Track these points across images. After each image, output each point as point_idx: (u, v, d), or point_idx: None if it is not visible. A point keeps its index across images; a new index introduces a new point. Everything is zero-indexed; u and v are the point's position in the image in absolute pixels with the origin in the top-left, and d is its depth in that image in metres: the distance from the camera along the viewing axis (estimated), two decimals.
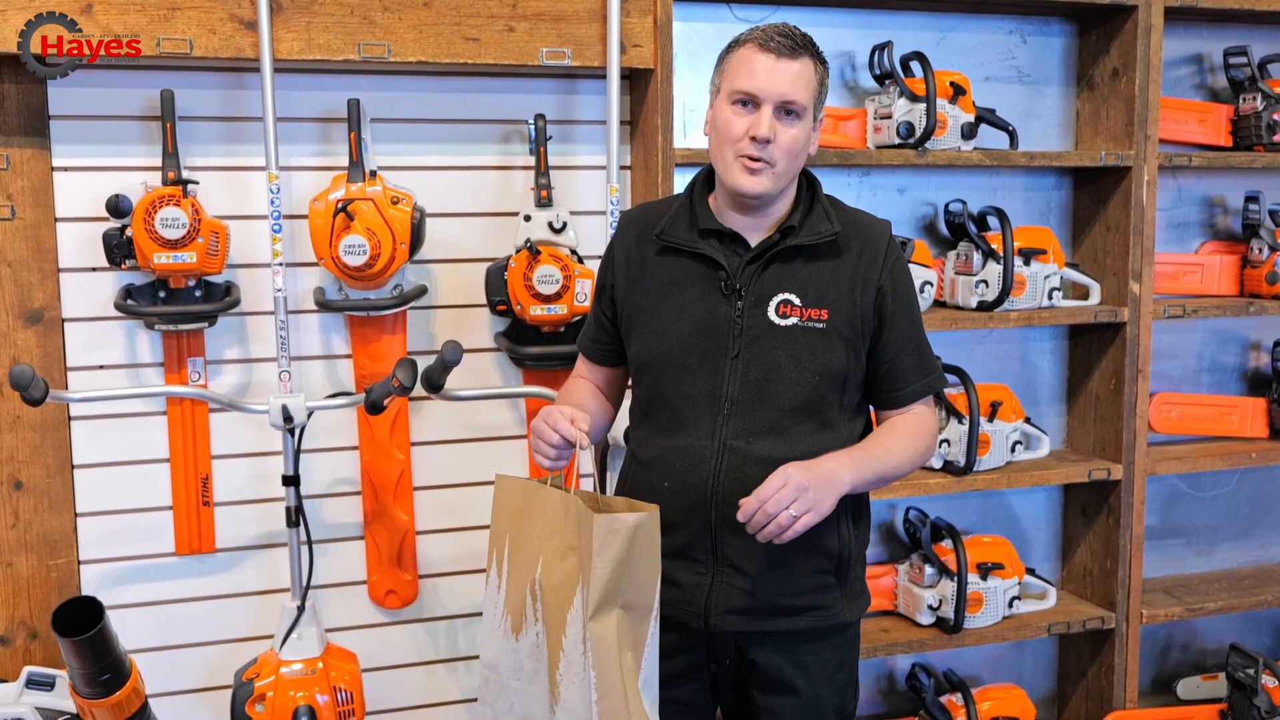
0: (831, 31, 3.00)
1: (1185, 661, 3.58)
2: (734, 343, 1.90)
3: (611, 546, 1.71)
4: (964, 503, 3.26)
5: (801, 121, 1.86)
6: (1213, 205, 3.42)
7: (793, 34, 1.85)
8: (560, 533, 1.81)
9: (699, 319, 1.92)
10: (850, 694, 2.06)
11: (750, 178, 1.85)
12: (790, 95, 1.83)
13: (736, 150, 1.85)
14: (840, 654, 2.01)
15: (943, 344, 3.14)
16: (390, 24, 2.51)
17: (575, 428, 1.81)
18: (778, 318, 1.89)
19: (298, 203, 2.66)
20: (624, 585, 1.74)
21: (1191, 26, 3.29)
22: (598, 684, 1.74)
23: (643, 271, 1.99)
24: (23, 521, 2.60)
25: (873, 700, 3.28)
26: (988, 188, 3.19)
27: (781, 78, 1.83)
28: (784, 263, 1.91)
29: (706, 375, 1.90)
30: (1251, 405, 3.40)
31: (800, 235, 1.90)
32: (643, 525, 1.73)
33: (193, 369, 2.66)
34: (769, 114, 1.83)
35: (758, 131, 1.82)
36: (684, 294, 1.94)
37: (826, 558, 1.94)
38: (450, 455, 2.86)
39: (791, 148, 1.85)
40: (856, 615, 2.02)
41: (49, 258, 2.56)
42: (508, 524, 1.91)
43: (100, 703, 2.29)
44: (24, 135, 2.52)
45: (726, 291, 1.91)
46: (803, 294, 1.89)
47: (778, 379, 1.88)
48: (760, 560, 1.90)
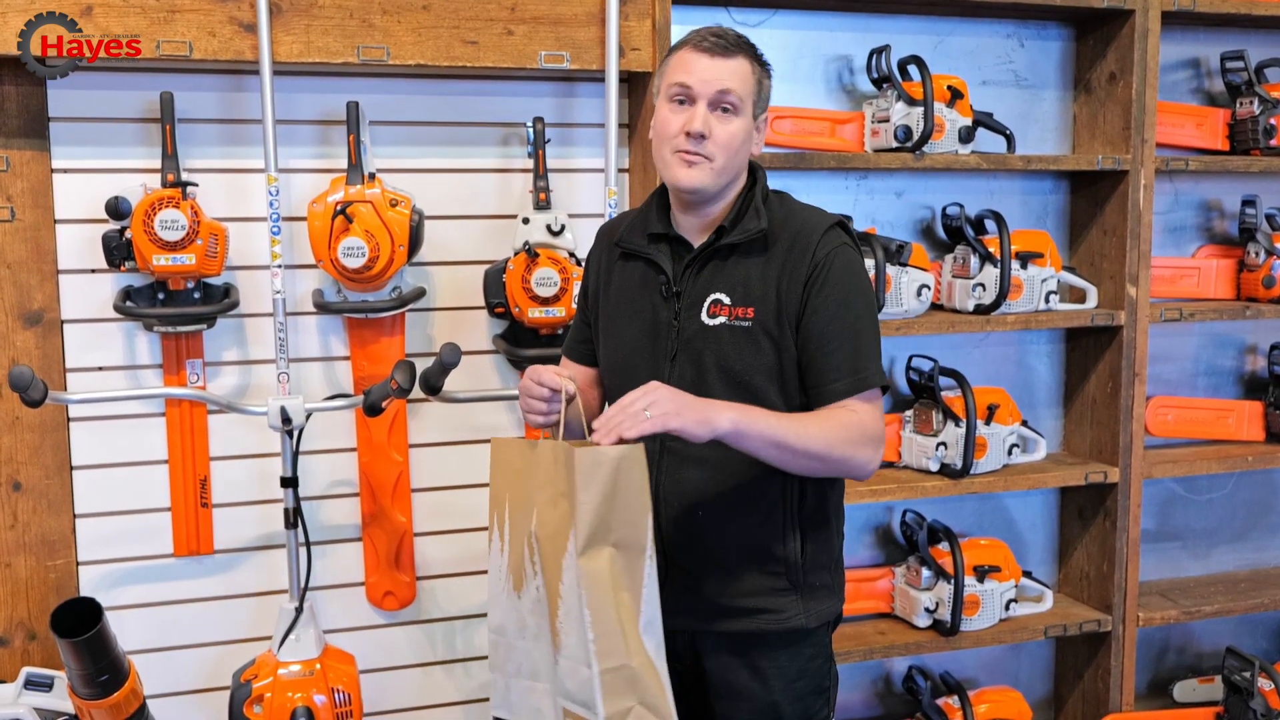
0: (829, 35, 3.01)
1: (1182, 664, 3.58)
2: (671, 345, 1.92)
3: (595, 480, 1.69)
4: (961, 505, 3.26)
5: (738, 117, 1.86)
6: (1210, 209, 3.43)
7: (726, 34, 1.87)
8: (552, 481, 1.79)
9: (646, 323, 1.95)
10: (816, 703, 2.00)
11: (687, 170, 1.86)
12: (725, 86, 1.84)
13: (673, 146, 1.86)
14: (800, 661, 1.97)
15: (940, 347, 3.15)
16: (389, 27, 2.52)
17: (559, 376, 1.84)
18: (708, 318, 1.90)
19: (297, 205, 2.66)
20: (613, 521, 1.71)
21: (1189, 31, 3.29)
22: (593, 622, 1.70)
23: (608, 279, 2.04)
24: (21, 522, 2.61)
25: (869, 703, 3.29)
26: (985, 191, 3.20)
27: (714, 73, 1.84)
28: (719, 263, 1.91)
29: (649, 378, 1.90)
30: (1248, 409, 3.41)
31: (732, 234, 1.90)
32: (626, 458, 1.70)
33: (191, 371, 2.66)
34: (704, 109, 1.84)
35: (692, 126, 1.84)
36: (637, 299, 1.97)
37: (774, 561, 1.92)
38: (448, 457, 2.86)
39: (729, 142, 1.85)
40: (818, 622, 1.97)
41: (48, 259, 2.56)
42: (506, 485, 1.90)
43: (99, 704, 2.29)
44: (23, 137, 2.52)
45: (666, 295, 1.94)
46: (732, 293, 1.89)
47: (707, 380, 1.89)
48: (701, 560, 1.92)
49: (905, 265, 2.89)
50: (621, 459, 1.70)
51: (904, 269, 2.88)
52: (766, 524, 1.92)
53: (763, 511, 1.92)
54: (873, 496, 2.90)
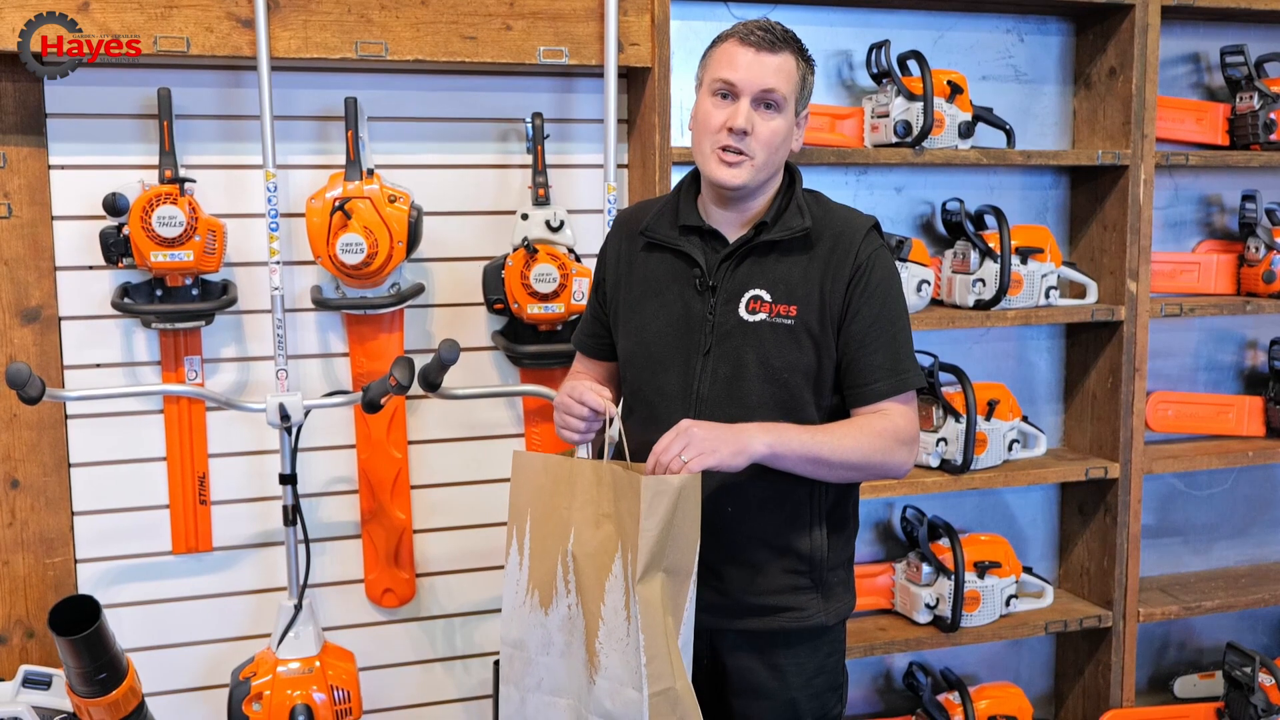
0: (829, 30, 3.01)
1: (1182, 660, 3.58)
2: (706, 339, 1.90)
3: (659, 508, 1.72)
4: (961, 501, 3.26)
5: (781, 114, 1.86)
6: (1210, 204, 3.42)
7: (773, 28, 1.86)
8: (594, 502, 1.81)
9: (676, 315, 1.93)
10: (832, 700, 2.01)
11: (728, 170, 1.85)
12: (769, 84, 1.83)
13: (715, 142, 1.86)
14: (818, 659, 1.98)
15: (940, 343, 3.14)
16: (387, 22, 2.51)
17: (602, 398, 1.84)
18: (747, 314, 1.89)
19: (295, 201, 2.65)
20: (668, 548, 1.75)
21: (1188, 25, 3.29)
22: (646, 647, 1.74)
23: (630, 268, 2.01)
24: (19, 520, 2.60)
25: (870, 699, 3.29)
26: (985, 186, 3.19)
27: (761, 69, 1.83)
28: (758, 259, 1.90)
29: (679, 371, 1.91)
30: (1248, 404, 3.41)
31: (773, 231, 1.89)
32: (687, 486, 1.74)
33: (190, 367, 2.65)
34: (747, 105, 1.84)
35: (735, 122, 1.83)
36: (664, 291, 1.95)
37: (798, 559, 1.92)
38: (448, 454, 2.86)
39: (770, 140, 1.85)
40: (836, 619, 1.98)
41: (46, 256, 2.56)
42: (528, 500, 1.91)
43: (97, 701, 2.29)
44: (21, 133, 2.51)
45: (701, 288, 1.92)
46: (773, 290, 1.89)
47: (745, 376, 1.88)
48: (727, 558, 1.91)
49: (905, 261, 2.89)
50: (683, 488, 1.74)
51: (904, 264, 2.88)
52: (793, 521, 1.92)
53: (789, 509, 1.91)
54: (873, 492, 2.89)
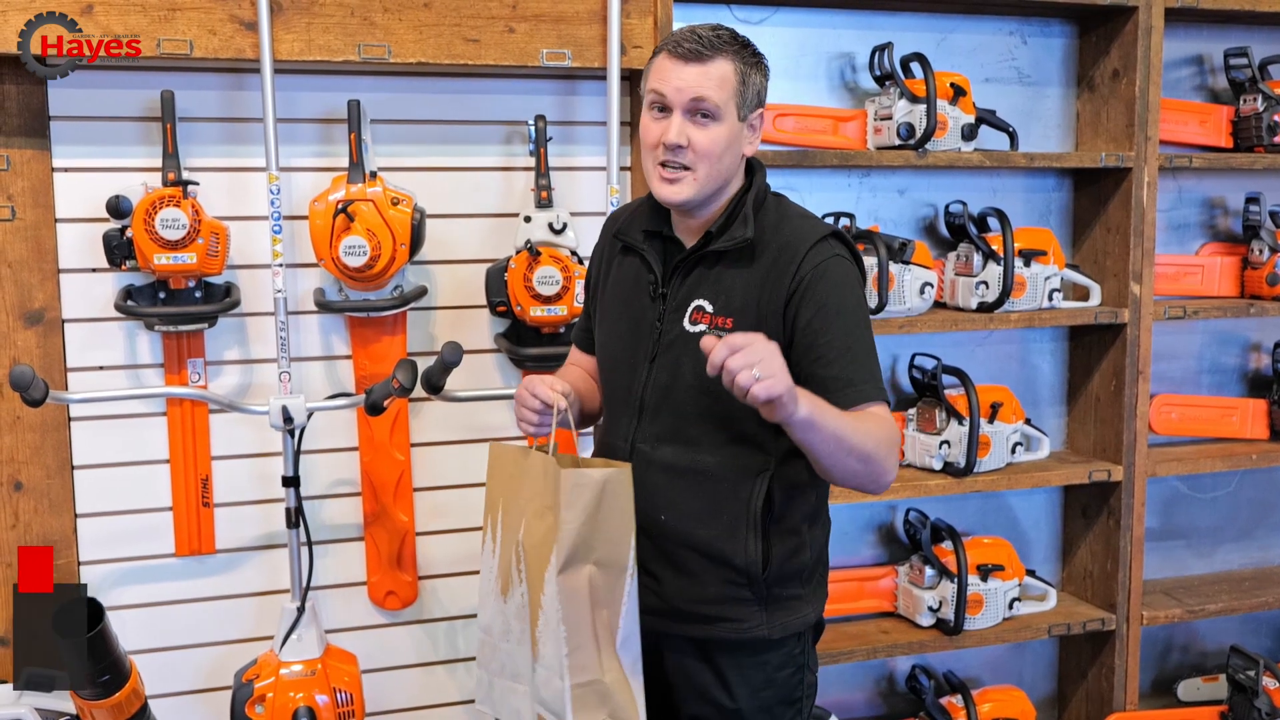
0: (832, 33, 3.00)
1: (1186, 663, 3.57)
2: (653, 346, 1.90)
3: (578, 501, 1.73)
4: (964, 504, 3.26)
5: (720, 122, 1.81)
6: (1213, 206, 3.42)
7: (702, 36, 1.80)
8: (540, 494, 1.82)
9: (633, 320, 1.94)
10: (786, 713, 1.95)
11: (669, 187, 1.83)
12: (698, 93, 1.79)
13: (654, 158, 1.84)
14: (766, 671, 1.92)
15: (943, 345, 3.14)
16: (390, 25, 2.51)
17: (552, 391, 1.83)
18: (689, 324, 1.88)
19: (298, 204, 2.66)
20: (595, 541, 1.75)
21: (1192, 27, 3.29)
22: (568, 637, 1.75)
23: (609, 269, 2.03)
24: (23, 522, 2.60)
25: (872, 702, 3.28)
26: (988, 189, 3.19)
27: (687, 80, 1.79)
28: (705, 269, 1.88)
29: (627, 377, 1.91)
30: (1252, 407, 3.40)
31: (718, 241, 1.87)
32: (611, 480, 1.74)
33: (193, 370, 2.66)
34: (679, 118, 1.80)
35: (667, 138, 1.80)
36: (627, 294, 1.96)
37: (734, 570, 1.88)
38: (450, 456, 2.85)
39: (710, 150, 1.81)
40: (784, 633, 1.92)
41: (49, 258, 2.56)
42: (500, 490, 1.93)
43: (100, 704, 2.29)
44: (24, 136, 2.52)
45: (654, 295, 1.92)
46: (714, 301, 1.86)
47: (681, 386, 1.86)
48: (664, 563, 1.90)
49: (908, 263, 2.88)
50: (606, 481, 1.74)
51: (907, 267, 2.88)
52: (729, 533, 1.87)
53: (725, 521, 1.87)
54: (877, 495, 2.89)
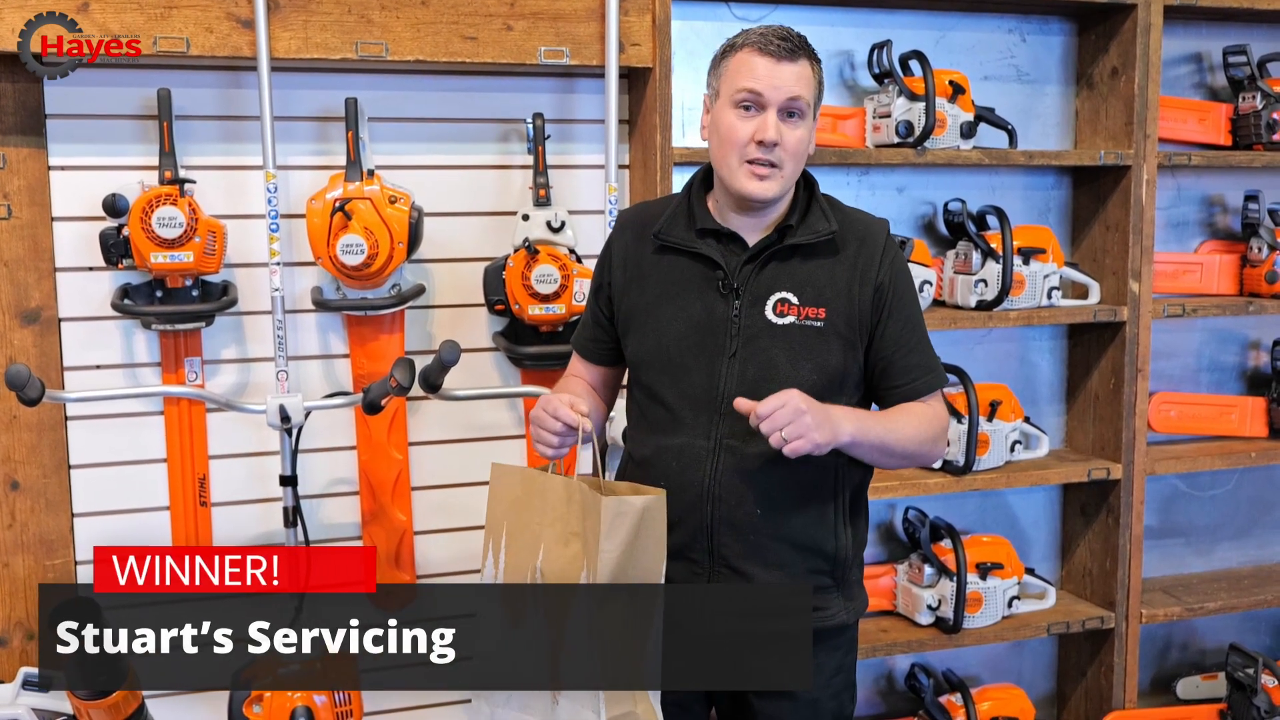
0: (830, 30, 3.00)
1: (1185, 661, 3.57)
2: (731, 342, 1.89)
3: (619, 530, 1.72)
4: (963, 502, 3.26)
5: (805, 122, 1.86)
6: (1212, 204, 3.42)
7: (790, 35, 1.86)
8: (563, 519, 1.80)
9: (697, 318, 1.91)
10: (848, 697, 2.03)
11: (759, 183, 1.85)
12: (794, 93, 1.83)
13: (743, 155, 1.85)
14: (838, 657, 1.99)
15: (942, 343, 3.09)
16: (388, 23, 2.51)
17: (576, 413, 1.82)
18: (775, 316, 1.88)
19: (295, 202, 2.65)
20: (630, 569, 1.74)
21: (1191, 25, 3.28)
22: (603, 671, 1.74)
23: (640, 271, 1.98)
24: (19, 522, 2.60)
25: (872, 700, 3.28)
26: (987, 187, 3.19)
27: (784, 79, 1.83)
28: (781, 262, 1.90)
29: (703, 374, 1.89)
30: (1251, 404, 3.40)
31: (798, 234, 1.90)
32: (650, 508, 1.73)
33: (190, 369, 2.65)
34: (774, 116, 1.83)
35: (765, 135, 1.82)
36: (682, 293, 1.93)
37: (823, 559, 1.93)
38: (448, 455, 2.85)
39: (798, 149, 1.86)
40: (854, 618, 2.00)
41: (45, 257, 2.55)
42: (504, 513, 1.90)
43: (97, 704, 2.28)
44: (20, 134, 2.51)
45: (724, 291, 1.90)
46: (800, 293, 1.89)
47: (774, 377, 1.86)
48: (754, 562, 1.89)
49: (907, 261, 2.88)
50: (646, 509, 1.73)
51: None
52: (819, 521, 1.91)
53: (815, 509, 1.91)
54: (874, 494, 2.86)
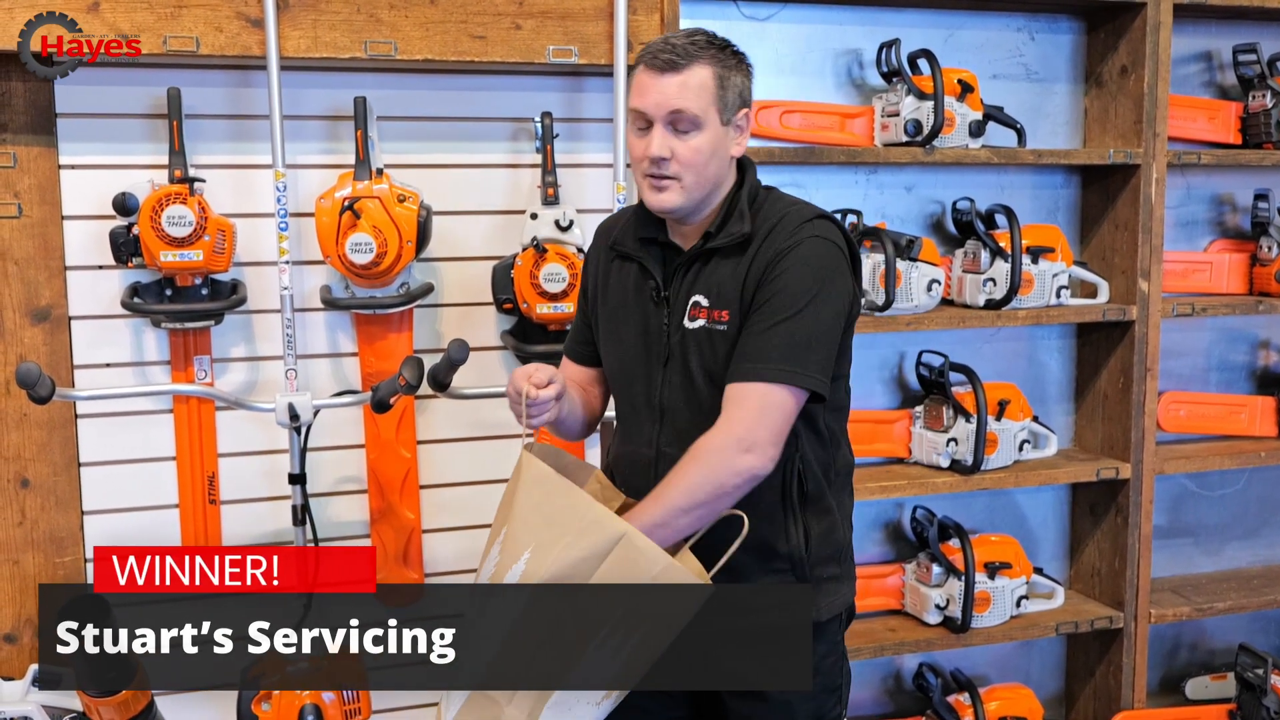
0: (838, 29, 3.00)
1: (1194, 661, 3.56)
2: (664, 349, 1.90)
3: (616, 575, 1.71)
4: (971, 502, 3.25)
5: (701, 130, 1.82)
6: (1222, 203, 3.41)
7: (675, 45, 1.81)
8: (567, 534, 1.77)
9: (640, 328, 1.94)
10: (829, 700, 1.98)
11: (658, 195, 1.84)
12: (675, 106, 1.80)
13: (641, 170, 1.85)
14: (814, 659, 1.93)
15: (950, 342, 3.13)
16: (397, 22, 2.51)
17: (528, 381, 1.84)
18: (689, 321, 1.88)
19: (304, 201, 2.65)
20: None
21: (1200, 23, 3.27)
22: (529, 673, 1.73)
23: (606, 280, 2.01)
24: (29, 519, 2.60)
25: (879, 700, 3.28)
26: (995, 186, 3.18)
27: (664, 93, 1.80)
28: (701, 266, 1.89)
29: (644, 383, 1.92)
30: (1260, 404, 3.39)
31: (718, 239, 1.88)
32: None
33: (199, 367, 2.66)
34: (660, 131, 1.81)
35: (650, 152, 1.82)
36: (629, 303, 1.96)
37: (780, 558, 1.90)
38: (457, 453, 2.85)
39: (693, 159, 1.82)
40: (829, 615, 1.95)
41: (56, 255, 2.56)
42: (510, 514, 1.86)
43: (106, 701, 2.29)
44: (31, 133, 2.52)
45: (657, 300, 1.92)
46: (709, 295, 1.87)
47: (694, 383, 1.87)
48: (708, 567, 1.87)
49: (915, 260, 2.87)
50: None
51: (914, 264, 2.87)
52: (769, 521, 1.89)
53: (764, 510, 1.88)
54: (882, 493, 2.89)
